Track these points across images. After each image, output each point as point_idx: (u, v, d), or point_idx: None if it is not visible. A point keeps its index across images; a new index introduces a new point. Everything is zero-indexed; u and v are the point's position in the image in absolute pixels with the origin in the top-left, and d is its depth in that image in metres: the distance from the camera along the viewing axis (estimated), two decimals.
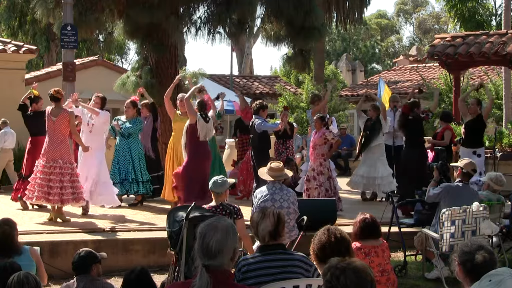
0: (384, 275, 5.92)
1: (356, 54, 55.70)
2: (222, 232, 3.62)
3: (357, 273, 3.32)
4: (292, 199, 8.36)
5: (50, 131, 10.31)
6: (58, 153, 10.23)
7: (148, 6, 14.33)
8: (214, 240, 3.58)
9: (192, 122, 10.60)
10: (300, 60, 16.36)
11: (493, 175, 8.98)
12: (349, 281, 3.30)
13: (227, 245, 3.62)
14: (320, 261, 4.50)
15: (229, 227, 3.70)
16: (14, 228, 6.36)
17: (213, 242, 3.57)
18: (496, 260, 4.07)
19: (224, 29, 15.54)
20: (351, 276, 3.32)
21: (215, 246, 3.57)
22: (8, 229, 6.28)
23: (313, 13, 14.93)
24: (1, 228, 6.29)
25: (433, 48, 15.66)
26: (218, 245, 3.58)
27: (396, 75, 31.46)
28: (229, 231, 3.66)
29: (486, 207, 7.93)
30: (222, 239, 3.60)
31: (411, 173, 11.54)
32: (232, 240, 3.68)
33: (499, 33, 16.01)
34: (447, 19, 47.91)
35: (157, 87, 15.52)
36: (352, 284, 3.29)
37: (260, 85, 30.21)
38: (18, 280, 4.57)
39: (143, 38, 16.00)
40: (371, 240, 5.91)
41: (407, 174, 11.73)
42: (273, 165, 8.45)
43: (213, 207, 7.26)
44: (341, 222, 9.78)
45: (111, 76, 20.75)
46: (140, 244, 9.07)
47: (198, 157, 10.54)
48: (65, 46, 13.60)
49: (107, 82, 19.74)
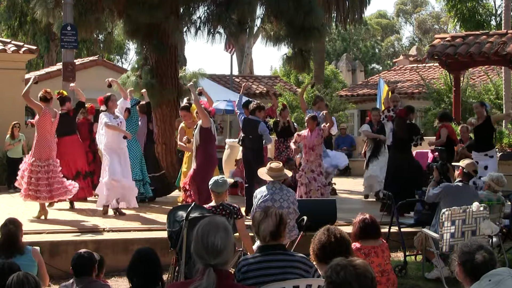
0: (384, 275, 5.91)
1: (356, 54, 55.73)
2: (224, 230, 3.63)
3: (357, 269, 3.32)
4: (292, 199, 8.36)
5: (49, 131, 10.46)
6: (51, 152, 10.49)
7: (148, 6, 14.31)
8: (218, 238, 3.58)
9: (206, 126, 10.40)
10: (300, 60, 16.35)
11: (494, 176, 8.99)
12: (348, 276, 3.30)
13: (230, 242, 3.64)
14: (320, 261, 4.50)
15: (228, 224, 3.73)
16: (19, 228, 6.40)
17: (218, 240, 3.57)
18: (496, 260, 4.06)
19: (224, 29, 15.52)
20: (351, 272, 3.31)
21: (221, 243, 3.57)
22: (13, 228, 6.32)
23: (313, 13, 14.91)
24: (7, 227, 6.33)
25: (433, 48, 15.65)
26: (223, 242, 3.58)
27: (396, 75, 31.47)
28: (228, 228, 3.68)
29: (486, 207, 7.93)
30: (225, 236, 3.61)
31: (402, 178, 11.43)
32: (232, 236, 3.70)
33: (499, 33, 16.01)
34: (447, 19, 47.97)
35: (157, 87, 15.52)
36: (352, 279, 3.29)
37: (260, 85, 30.21)
38: (18, 280, 4.57)
39: (143, 38, 15.99)
40: (371, 241, 5.90)
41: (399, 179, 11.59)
42: (272, 165, 8.45)
43: (213, 207, 7.26)
44: (341, 222, 9.78)
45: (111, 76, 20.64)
46: (140, 244, 9.01)
47: (212, 160, 10.50)
48: (65, 46, 13.62)
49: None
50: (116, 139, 10.90)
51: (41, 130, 10.50)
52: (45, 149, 10.46)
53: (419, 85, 26.71)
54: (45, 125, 10.49)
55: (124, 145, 11.09)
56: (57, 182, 10.51)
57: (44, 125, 10.48)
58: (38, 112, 10.60)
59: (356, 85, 34.06)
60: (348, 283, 3.29)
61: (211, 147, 10.52)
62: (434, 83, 24.02)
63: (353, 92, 30.27)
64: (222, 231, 3.62)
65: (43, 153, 10.44)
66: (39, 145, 10.47)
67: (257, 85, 30.19)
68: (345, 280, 3.30)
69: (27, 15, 30.98)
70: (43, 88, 11.06)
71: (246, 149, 11.76)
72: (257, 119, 11.54)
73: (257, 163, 10.70)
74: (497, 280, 3.73)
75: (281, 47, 16.37)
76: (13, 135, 16.69)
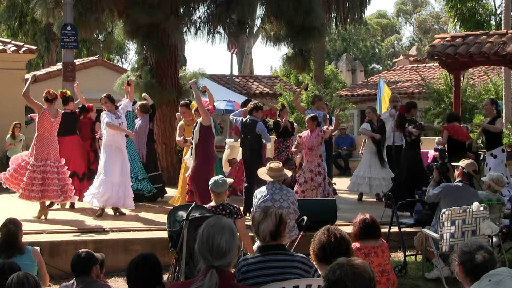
0: (384, 275, 5.90)
1: (356, 54, 55.74)
2: (230, 232, 3.63)
3: (355, 269, 3.32)
4: (292, 199, 8.37)
5: (49, 131, 10.49)
6: (49, 153, 10.52)
7: (148, 6, 14.33)
8: (224, 240, 3.57)
9: (206, 124, 10.26)
10: (300, 60, 16.36)
11: (494, 176, 8.98)
12: (344, 275, 3.30)
13: (235, 244, 3.64)
14: (320, 261, 4.50)
15: (233, 226, 3.73)
16: (19, 228, 6.41)
17: (223, 242, 3.57)
18: (496, 260, 4.06)
19: (224, 29, 15.53)
20: (348, 271, 3.31)
21: (226, 246, 3.57)
22: (13, 228, 6.33)
23: (313, 13, 14.93)
24: (7, 227, 6.34)
25: (433, 48, 15.61)
26: (228, 244, 3.58)
27: (396, 75, 31.46)
28: (234, 230, 3.68)
29: (486, 207, 7.92)
30: (230, 238, 3.60)
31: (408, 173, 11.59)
32: (237, 238, 3.70)
33: (499, 33, 15.97)
34: (447, 19, 47.91)
35: (157, 87, 15.54)
36: (347, 278, 3.29)
37: (260, 85, 30.21)
38: (18, 280, 4.57)
39: (143, 38, 16.00)
40: (371, 241, 5.90)
41: (406, 175, 11.75)
42: (272, 165, 8.46)
43: (213, 207, 7.27)
44: (341, 222, 9.77)
45: (111, 76, 20.77)
46: (140, 244, 9.07)
47: (211, 158, 10.47)
48: (65, 46, 13.62)
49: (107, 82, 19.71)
50: (116, 138, 10.86)
51: (40, 130, 10.50)
52: (43, 149, 10.44)
53: (419, 85, 26.71)
54: (44, 125, 10.48)
55: (124, 145, 11.05)
56: (53, 184, 10.48)
57: (43, 125, 10.47)
58: (37, 111, 10.59)
59: (356, 85, 34.06)
60: (343, 282, 3.30)
61: (210, 146, 10.47)
62: (434, 83, 24.01)
63: (353, 92, 30.27)
64: (228, 233, 3.62)
65: (40, 153, 10.42)
66: (37, 145, 10.47)
67: (257, 85, 30.20)
68: (340, 279, 3.30)
69: (27, 15, 31.03)
70: (45, 89, 11.04)
71: (245, 150, 11.72)
72: (255, 119, 11.52)
73: (256, 163, 10.70)
74: (497, 280, 3.72)
75: (281, 47, 16.41)
76: (14, 135, 16.69)
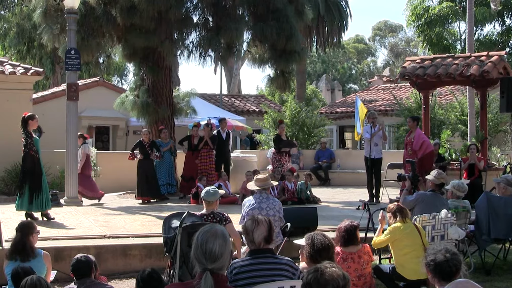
0: (361, 279, 5.93)
1: (335, 75, 56.01)
2: (222, 238, 3.64)
3: (325, 276, 3.31)
4: (278, 208, 8.37)
5: None
6: None
7: (144, 32, 14.38)
8: (217, 245, 3.59)
9: None
10: (282, 80, 16.39)
11: (456, 183, 9.01)
12: (313, 280, 3.31)
13: (227, 249, 3.65)
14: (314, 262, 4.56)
15: (226, 233, 3.74)
16: (31, 232, 6.34)
17: (216, 247, 3.58)
18: (460, 260, 4.08)
19: (214, 52, 15.57)
20: (318, 277, 3.32)
21: (219, 250, 3.58)
22: (27, 231, 6.27)
23: (293, 38, 15.02)
24: (20, 230, 6.28)
25: (404, 70, 15.70)
26: (221, 249, 3.59)
27: (371, 94, 31.61)
28: (226, 236, 3.70)
29: (453, 214, 7.96)
30: (223, 244, 3.62)
31: None
32: (230, 244, 3.72)
33: (464, 56, 16.09)
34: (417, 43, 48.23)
35: (153, 106, 15.57)
36: (314, 283, 3.30)
37: (247, 104, 30.29)
38: (31, 283, 4.54)
39: (140, 60, 16.05)
40: (351, 247, 5.93)
41: None
42: (258, 177, 8.55)
43: (204, 215, 7.29)
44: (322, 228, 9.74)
45: (111, 96, 20.74)
46: (138, 250, 9.03)
47: None
48: (69, 68, 13.57)
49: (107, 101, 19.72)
50: None
51: None
52: None
53: (392, 103, 26.86)
54: None
55: None
56: None
57: None
58: None
59: (335, 103, 34.19)
60: (310, 286, 3.32)
61: None
62: (405, 101, 24.15)
63: (332, 109, 30.38)
64: (221, 239, 3.64)
65: None
66: None
67: (244, 104, 30.28)
68: (309, 283, 3.32)
69: (34, 40, 31.10)
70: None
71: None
72: None
73: None
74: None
75: (265, 68, 16.41)
76: None
